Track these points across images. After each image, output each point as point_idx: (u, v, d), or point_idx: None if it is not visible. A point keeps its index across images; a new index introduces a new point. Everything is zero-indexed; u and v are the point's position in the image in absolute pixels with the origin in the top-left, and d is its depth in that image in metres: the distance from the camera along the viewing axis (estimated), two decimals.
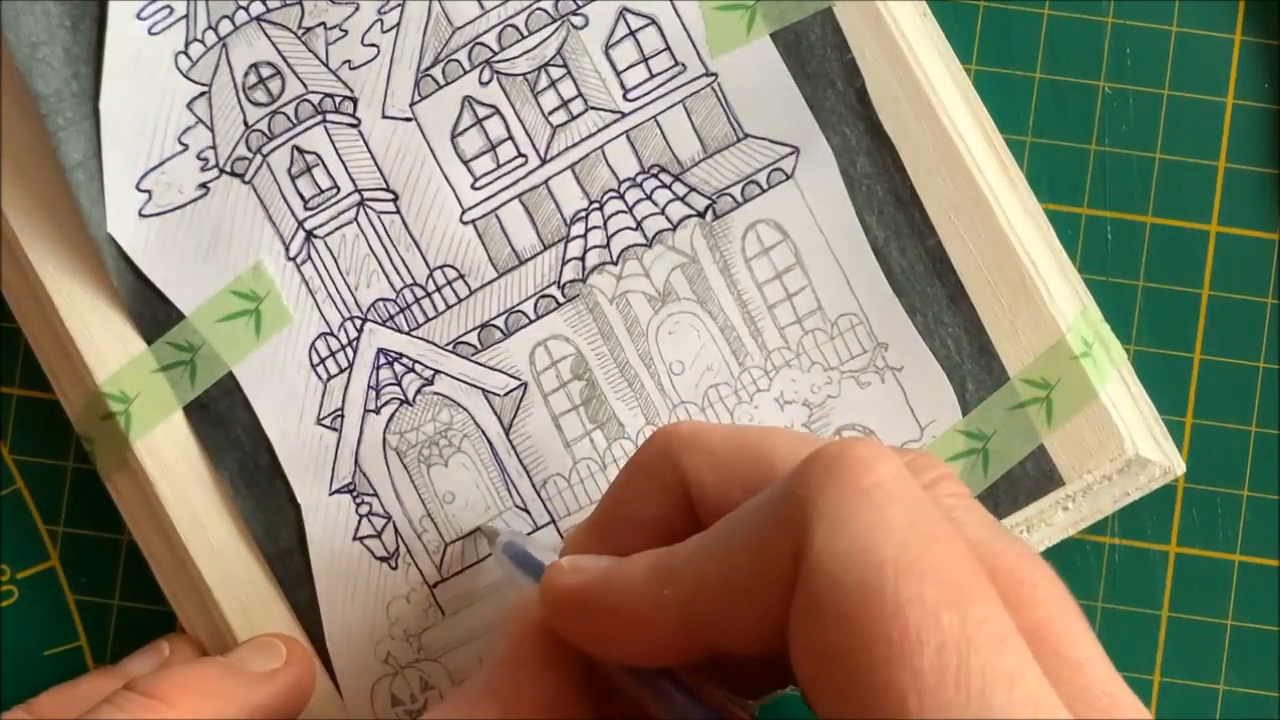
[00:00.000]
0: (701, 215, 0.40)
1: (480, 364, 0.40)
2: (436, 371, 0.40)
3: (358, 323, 0.40)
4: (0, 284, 0.41)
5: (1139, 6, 0.42)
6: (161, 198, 0.40)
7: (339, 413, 0.40)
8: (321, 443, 0.40)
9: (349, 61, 0.40)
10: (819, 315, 0.40)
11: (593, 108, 0.40)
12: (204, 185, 0.40)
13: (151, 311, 0.40)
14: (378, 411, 0.40)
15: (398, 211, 0.40)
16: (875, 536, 0.27)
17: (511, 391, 0.40)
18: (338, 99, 0.40)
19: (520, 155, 0.40)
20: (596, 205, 0.40)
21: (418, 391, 0.40)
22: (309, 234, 0.40)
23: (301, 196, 0.40)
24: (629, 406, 0.40)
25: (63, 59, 0.40)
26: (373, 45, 0.40)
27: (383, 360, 0.40)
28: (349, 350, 0.40)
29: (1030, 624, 0.29)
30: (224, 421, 0.40)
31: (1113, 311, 0.41)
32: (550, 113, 0.40)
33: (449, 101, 0.40)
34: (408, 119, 0.40)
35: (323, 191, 0.40)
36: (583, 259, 0.40)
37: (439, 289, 0.40)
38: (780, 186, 0.40)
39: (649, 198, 0.40)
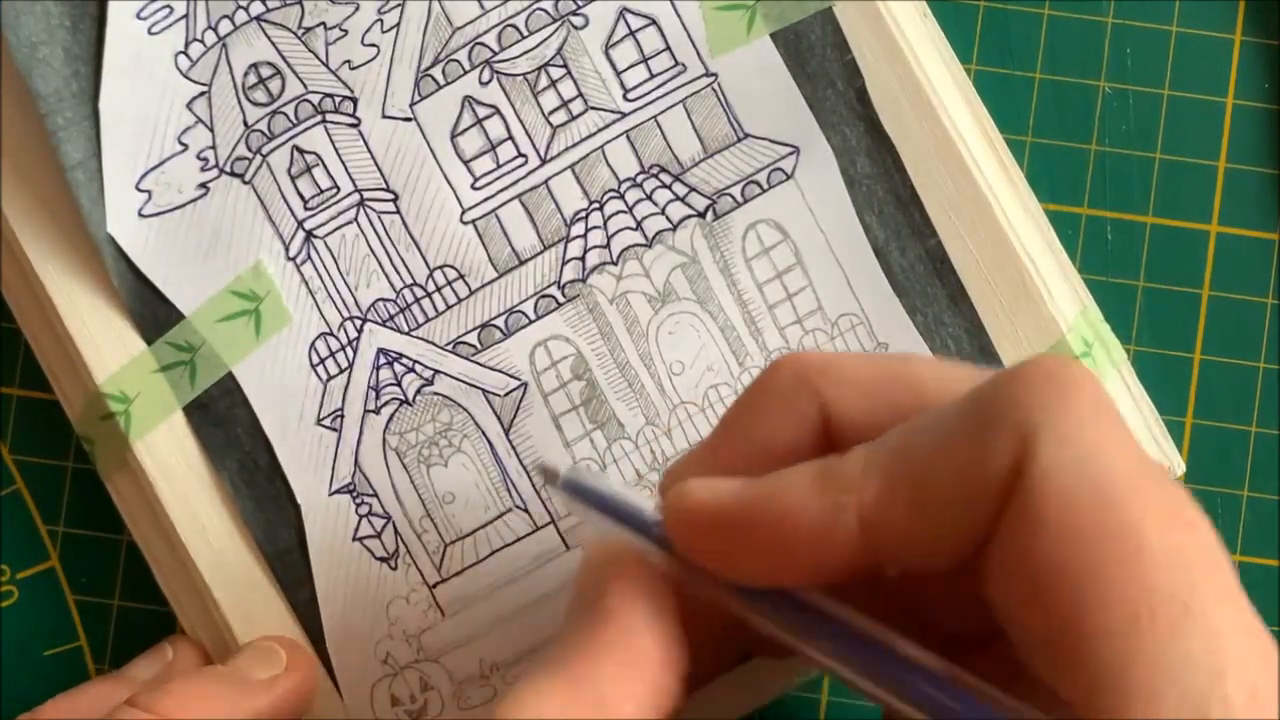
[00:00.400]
0: (702, 215, 0.40)
1: (480, 364, 0.40)
2: (436, 371, 0.40)
3: (357, 323, 0.40)
4: (0, 284, 0.41)
5: (1139, 6, 0.42)
6: (161, 198, 0.40)
7: (339, 413, 0.40)
8: (321, 443, 0.40)
9: (349, 61, 0.40)
10: (819, 315, 0.40)
11: (593, 108, 0.40)
12: (204, 185, 0.40)
13: (151, 311, 0.40)
14: (378, 412, 0.40)
15: (398, 211, 0.40)
16: (1109, 452, 0.27)
17: (511, 391, 0.40)
18: (338, 99, 0.40)
19: (520, 155, 0.40)
20: (596, 205, 0.40)
21: (418, 392, 0.40)
22: (309, 234, 0.40)
23: (301, 196, 0.40)
24: (629, 407, 0.40)
25: (63, 59, 0.40)
26: (373, 45, 0.40)
27: (383, 360, 0.40)
28: (349, 350, 0.40)
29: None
30: (224, 421, 0.40)
31: (1113, 311, 0.41)
32: (550, 113, 0.40)
33: (449, 101, 0.40)
34: (408, 119, 0.40)
35: (323, 191, 0.40)
36: (583, 259, 0.40)
37: (439, 289, 0.40)
38: (780, 186, 0.40)
39: (649, 198, 0.40)
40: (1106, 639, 0.26)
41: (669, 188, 0.40)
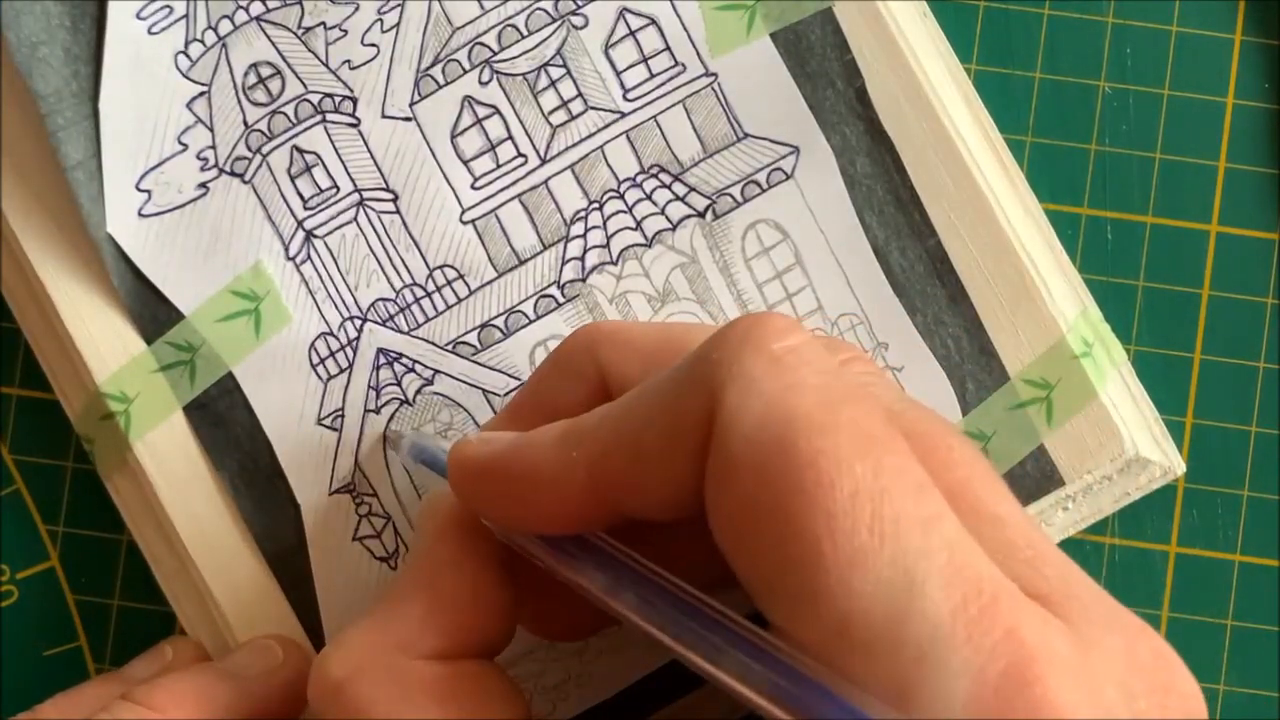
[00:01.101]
0: (701, 215, 0.40)
1: (480, 364, 0.40)
2: (436, 371, 0.40)
3: (357, 323, 0.40)
4: (0, 284, 0.41)
5: (1139, 6, 0.42)
6: (161, 197, 0.40)
7: (339, 413, 0.40)
8: (321, 443, 0.40)
9: (349, 61, 0.40)
10: (819, 315, 0.40)
11: (593, 108, 0.40)
12: (204, 185, 0.40)
13: (151, 311, 0.40)
14: (378, 411, 0.40)
15: (397, 211, 0.40)
16: (789, 394, 0.28)
17: (511, 391, 0.40)
18: (337, 99, 0.40)
19: (520, 155, 0.40)
20: (596, 205, 0.40)
21: (418, 391, 0.40)
22: (309, 234, 0.40)
23: (301, 196, 0.40)
24: None
25: (63, 59, 0.40)
26: (372, 45, 0.40)
27: (383, 360, 0.40)
28: (349, 350, 0.40)
29: (947, 484, 0.29)
30: (224, 421, 0.40)
31: (1113, 311, 0.41)
32: (550, 113, 0.40)
33: (449, 101, 0.40)
34: (407, 119, 0.40)
35: (322, 191, 0.40)
36: (582, 259, 0.40)
37: (439, 289, 0.40)
38: (780, 186, 0.40)
39: (649, 198, 0.40)
40: (795, 573, 0.27)
41: (669, 188, 0.40)
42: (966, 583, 0.26)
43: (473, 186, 0.40)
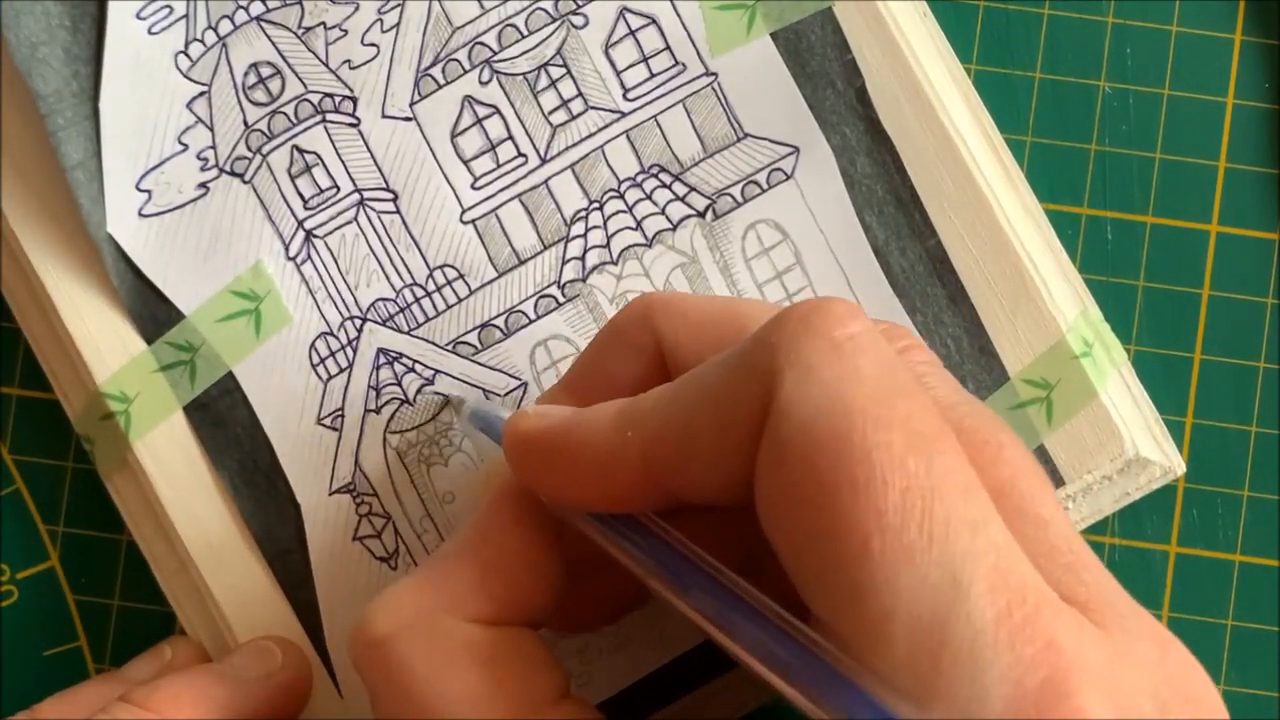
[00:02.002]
0: (701, 215, 0.40)
1: (480, 364, 0.40)
2: (437, 371, 0.40)
3: (358, 322, 0.40)
4: (0, 284, 0.41)
5: (1139, 6, 0.42)
6: (161, 198, 0.40)
7: (339, 413, 0.40)
8: (321, 443, 0.40)
9: (349, 61, 0.40)
10: None
11: (593, 107, 0.40)
12: (204, 185, 0.40)
13: (151, 311, 0.40)
14: (378, 411, 0.40)
15: (398, 211, 0.40)
16: (845, 385, 0.28)
17: (512, 391, 0.40)
18: (338, 99, 0.40)
19: (520, 155, 0.40)
20: (596, 205, 0.40)
21: (418, 391, 0.40)
22: (309, 234, 0.40)
23: (301, 196, 0.40)
24: None
25: (63, 59, 0.40)
26: (373, 45, 0.40)
27: (383, 360, 0.40)
28: (349, 350, 0.40)
29: (995, 482, 0.29)
30: (224, 421, 0.40)
31: (1113, 311, 0.41)
32: (550, 112, 0.40)
33: (449, 101, 0.40)
34: (408, 119, 0.40)
35: (322, 191, 0.40)
36: (583, 259, 0.40)
37: (439, 289, 0.40)
38: (780, 186, 0.40)
39: (649, 197, 0.40)
40: (842, 567, 0.27)
41: (669, 187, 0.40)
42: (1011, 589, 0.26)
43: (473, 186, 0.40)
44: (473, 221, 0.40)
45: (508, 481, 0.33)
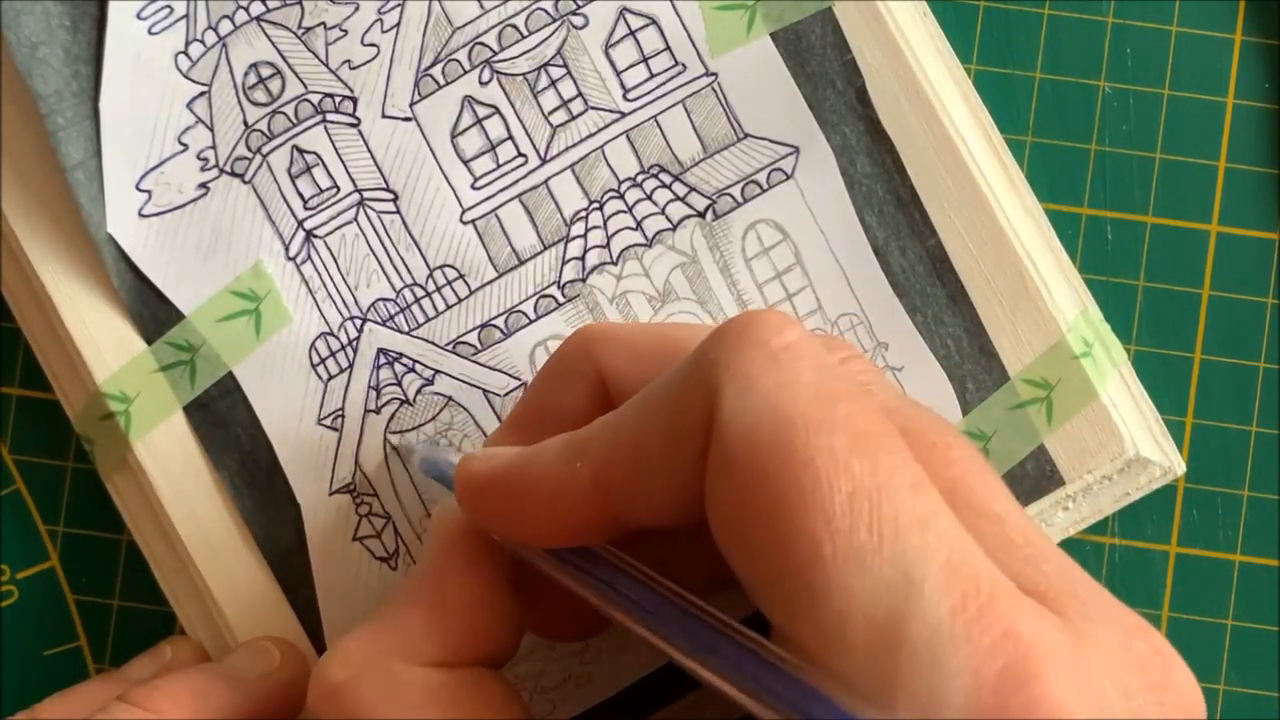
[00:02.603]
0: (701, 215, 0.40)
1: (480, 364, 0.40)
2: (437, 371, 0.40)
3: (358, 323, 0.40)
4: (0, 284, 0.41)
5: (1139, 6, 0.42)
6: (161, 198, 0.40)
7: (339, 413, 0.40)
8: (321, 443, 0.40)
9: (349, 61, 0.40)
10: (819, 315, 0.40)
11: (593, 108, 0.40)
12: (204, 185, 0.40)
13: (151, 311, 0.40)
14: (378, 411, 0.40)
15: (398, 211, 0.40)
16: (785, 393, 0.28)
17: (512, 391, 0.40)
18: (338, 99, 0.40)
19: (520, 155, 0.40)
20: (596, 205, 0.40)
21: (418, 391, 0.40)
22: (309, 234, 0.40)
23: (301, 196, 0.40)
24: None
25: (63, 59, 0.40)
26: (373, 45, 0.40)
27: (383, 360, 0.40)
28: (349, 350, 0.40)
29: (946, 481, 0.29)
30: (224, 421, 0.40)
31: (1113, 311, 0.41)
32: (550, 113, 0.40)
33: (449, 101, 0.40)
34: (408, 119, 0.40)
35: (322, 191, 0.40)
36: (583, 259, 0.40)
37: (439, 289, 0.40)
38: (780, 186, 0.40)
39: (649, 198, 0.40)
40: (795, 575, 0.27)
41: (669, 188, 0.40)
42: (965, 581, 0.26)
43: (473, 186, 0.40)
44: (473, 221, 0.40)
45: (458, 525, 0.33)
